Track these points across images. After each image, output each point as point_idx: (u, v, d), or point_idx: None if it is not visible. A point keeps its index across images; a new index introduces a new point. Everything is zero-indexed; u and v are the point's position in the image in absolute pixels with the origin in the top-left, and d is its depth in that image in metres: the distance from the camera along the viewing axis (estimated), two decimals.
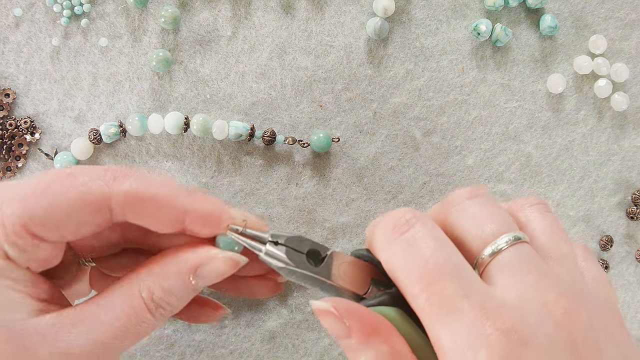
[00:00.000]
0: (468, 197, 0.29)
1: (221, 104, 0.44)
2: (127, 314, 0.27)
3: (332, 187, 0.45)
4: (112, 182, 0.27)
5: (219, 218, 0.29)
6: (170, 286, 0.28)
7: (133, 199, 0.27)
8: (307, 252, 0.29)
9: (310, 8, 0.44)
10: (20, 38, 0.42)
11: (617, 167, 0.48)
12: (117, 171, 0.28)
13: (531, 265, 0.26)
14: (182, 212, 0.28)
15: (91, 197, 0.27)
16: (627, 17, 0.47)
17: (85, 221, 0.27)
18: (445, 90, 0.45)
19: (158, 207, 0.28)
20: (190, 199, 0.29)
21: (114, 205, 0.27)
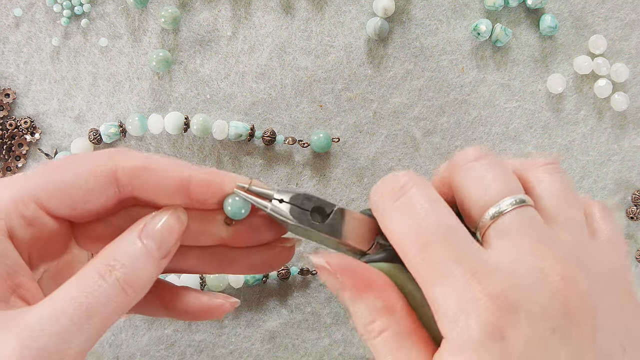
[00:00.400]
0: (474, 158, 0.28)
1: (221, 104, 0.44)
2: (80, 286, 0.27)
3: (332, 187, 0.45)
4: (117, 156, 0.29)
5: (222, 180, 0.30)
6: (121, 248, 0.28)
7: (139, 168, 0.29)
8: (312, 209, 0.29)
9: (310, 8, 0.44)
10: (20, 38, 0.42)
11: (617, 167, 0.48)
12: (123, 149, 0.30)
13: (532, 229, 0.26)
14: (186, 178, 0.29)
15: (98, 167, 0.28)
16: (627, 17, 0.47)
17: (93, 191, 0.28)
18: (445, 90, 0.45)
19: (163, 175, 0.29)
20: (192, 167, 0.30)
21: (121, 175, 0.28)
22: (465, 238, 0.26)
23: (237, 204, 0.30)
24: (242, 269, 0.33)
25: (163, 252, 0.29)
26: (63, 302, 0.26)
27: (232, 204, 0.30)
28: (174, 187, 0.29)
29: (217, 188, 0.30)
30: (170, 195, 0.29)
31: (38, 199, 0.28)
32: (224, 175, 0.30)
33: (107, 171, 0.28)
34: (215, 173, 0.30)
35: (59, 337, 0.25)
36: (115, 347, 0.43)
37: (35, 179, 0.28)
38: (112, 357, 0.43)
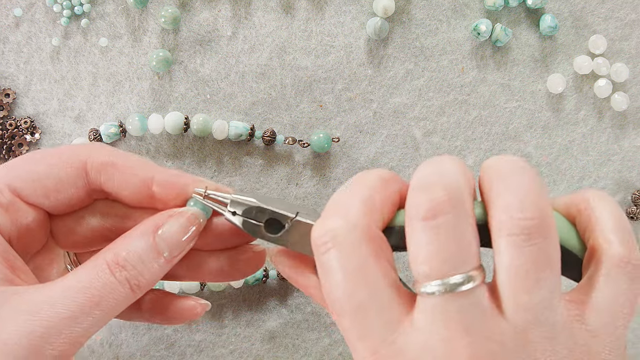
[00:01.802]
0: (422, 217, 0.24)
1: (221, 104, 0.44)
2: (91, 279, 0.27)
3: (332, 187, 0.45)
4: (88, 150, 0.30)
5: (185, 183, 0.31)
6: (135, 247, 0.28)
7: (106, 164, 0.30)
8: (266, 221, 0.30)
9: (310, 8, 0.44)
10: (20, 38, 0.42)
11: (617, 167, 0.48)
12: (97, 144, 0.31)
13: (461, 315, 0.23)
14: (149, 178, 0.30)
15: (70, 160, 0.30)
16: (627, 17, 0.47)
17: (64, 181, 0.30)
18: (445, 90, 0.45)
19: (127, 172, 0.30)
20: (157, 167, 0.31)
21: (89, 168, 0.30)
22: (377, 314, 0.24)
23: (197, 207, 0.31)
24: (213, 274, 0.33)
25: (174, 257, 0.29)
26: (74, 289, 0.27)
27: (194, 204, 0.31)
28: (138, 185, 0.30)
29: (180, 190, 0.31)
30: (134, 192, 0.30)
31: (13, 186, 0.29)
32: (187, 178, 0.31)
33: (77, 163, 0.30)
34: (179, 175, 0.31)
35: (67, 319, 0.26)
36: (115, 347, 0.43)
37: (11, 169, 0.30)
38: (112, 357, 0.43)
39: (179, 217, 0.30)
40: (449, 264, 0.24)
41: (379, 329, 0.24)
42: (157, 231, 0.29)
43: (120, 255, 0.28)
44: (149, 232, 0.29)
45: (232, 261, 0.33)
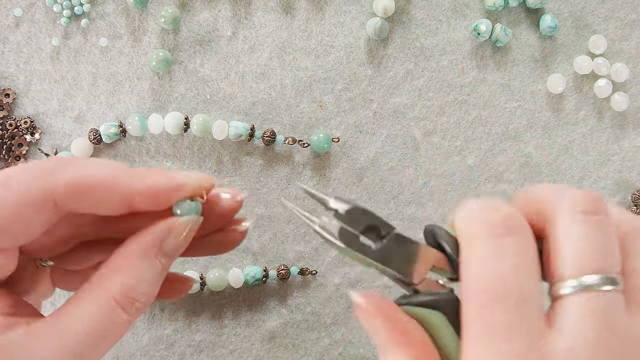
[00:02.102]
0: (583, 210, 0.25)
1: (221, 104, 0.44)
2: (100, 318, 0.26)
3: (332, 187, 0.45)
4: (50, 176, 0.26)
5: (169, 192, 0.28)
6: (141, 275, 0.27)
7: (74, 189, 0.26)
8: (365, 227, 0.27)
9: (310, 8, 0.44)
10: (20, 38, 0.42)
11: (617, 167, 0.48)
12: (55, 163, 0.27)
13: (606, 317, 0.23)
14: (128, 194, 0.27)
15: (31, 197, 0.26)
16: (627, 17, 0.47)
17: (31, 221, 0.26)
18: (445, 90, 0.45)
19: (101, 193, 0.27)
20: (134, 177, 0.27)
21: (58, 199, 0.27)
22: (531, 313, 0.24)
23: (189, 209, 0.28)
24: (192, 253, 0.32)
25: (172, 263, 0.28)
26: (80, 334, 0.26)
27: (182, 209, 0.28)
28: (116, 205, 0.27)
29: (164, 199, 0.28)
30: (113, 211, 0.28)
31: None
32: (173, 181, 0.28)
33: (40, 198, 0.26)
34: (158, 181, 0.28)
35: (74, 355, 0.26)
36: (115, 347, 0.43)
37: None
38: (112, 357, 0.43)
39: (180, 229, 0.28)
40: (604, 260, 0.24)
41: (529, 330, 0.24)
42: (160, 248, 0.27)
43: (129, 286, 0.27)
44: (152, 252, 0.27)
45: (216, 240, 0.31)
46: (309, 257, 0.45)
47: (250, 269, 0.43)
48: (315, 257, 0.45)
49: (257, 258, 0.45)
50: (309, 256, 0.45)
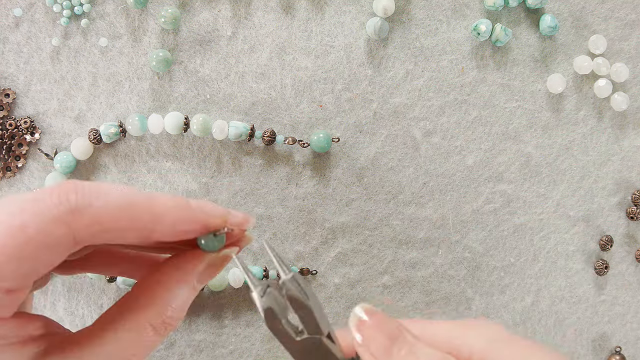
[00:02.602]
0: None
1: (221, 104, 0.44)
2: (135, 344, 0.27)
3: (332, 187, 0.45)
4: (70, 217, 0.25)
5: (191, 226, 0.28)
6: (177, 302, 0.28)
7: (96, 229, 0.25)
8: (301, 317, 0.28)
9: (310, 8, 0.44)
10: (20, 38, 0.42)
11: (617, 167, 0.48)
12: (73, 200, 0.25)
13: None
14: (150, 224, 0.26)
15: (50, 241, 0.25)
16: (627, 17, 0.47)
17: (48, 261, 0.26)
18: (445, 90, 0.45)
19: (123, 230, 0.26)
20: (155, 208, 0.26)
21: (77, 237, 0.25)
22: None
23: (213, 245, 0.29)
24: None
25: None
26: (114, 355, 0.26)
27: (206, 245, 0.29)
28: (138, 239, 0.27)
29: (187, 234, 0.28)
30: (133, 243, 0.28)
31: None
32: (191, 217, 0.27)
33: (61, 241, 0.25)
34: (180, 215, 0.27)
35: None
36: None
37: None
38: None
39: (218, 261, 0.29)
40: None
41: None
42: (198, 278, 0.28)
43: (166, 314, 0.27)
44: (191, 280, 0.28)
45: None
46: (309, 257, 0.45)
47: (250, 269, 0.43)
48: (315, 257, 0.45)
49: (257, 258, 0.45)
50: (309, 256, 0.45)
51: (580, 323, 0.48)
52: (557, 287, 0.47)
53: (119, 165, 0.43)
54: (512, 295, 0.47)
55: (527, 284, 0.47)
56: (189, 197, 0.31)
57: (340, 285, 0.45)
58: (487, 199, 0.46)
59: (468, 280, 0.46)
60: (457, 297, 0.46)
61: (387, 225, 0.45)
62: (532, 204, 0.47)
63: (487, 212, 0.46)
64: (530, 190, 0.47)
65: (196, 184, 0.44)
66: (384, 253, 0.45)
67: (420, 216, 0.46)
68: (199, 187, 0.44)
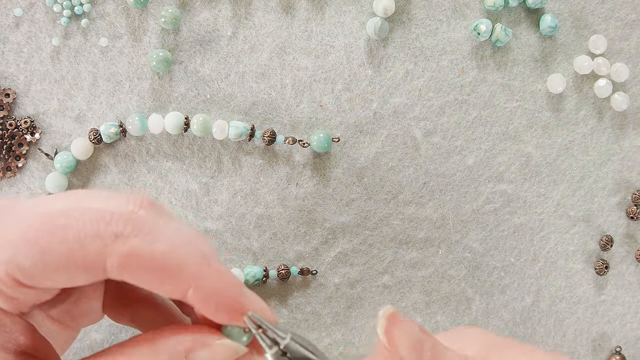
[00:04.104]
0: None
1: (221, 104, 0.44)
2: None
3: (332, 187, 0.45)
4: (112, 241, 0.24)
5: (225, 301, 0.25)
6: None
7: (131, 264, 0.24)
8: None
9: (311, 8, 0.44)
10: (20, 38, 0.42)
11: (617, 167, 0.48)
12: (121, 223, 0.24)
13: None
14: (185, 284, 0.24)
15: (83, 256, 0.24)
16: (627, 17, 0.47)
17: (76, 277, 0.25)
18: (445, 90, 0.45)
19: (159, 274, 0.24)
20: (201, 268, 0.25)
21: (109, 265, 0.24)
22: None
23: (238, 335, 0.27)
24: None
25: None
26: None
27: (231, 333, 0.27)
28: (170, 292, 0.25)
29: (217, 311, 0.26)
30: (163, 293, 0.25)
31: (16, 277, 0.24)
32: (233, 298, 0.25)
33: (93, 261, 0.24)
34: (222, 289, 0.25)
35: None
36: None
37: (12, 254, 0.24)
38: None
39: (219, 350, 0.26)
40: None
41: None
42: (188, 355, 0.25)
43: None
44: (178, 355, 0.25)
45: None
46: (309, 257, 0.45)
47: (250, 269, 0.43)
48: (315, 257, 0.45)
49: (257, 258, 0.45)
50: (309, 256, 0.45)
51: (580, 323, 0.48)
52: (557, 287, 0.47)
53: (119, 165, 0.43)
54: (512, 295, 0.47)
55: (527, 284, 0.47)
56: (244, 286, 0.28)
57: (340, 285, 0.45)
58: (487, 199, 0.46)
59: (468, 280, 0.46)
60: (457, 297, 0.46)
61: (387, 225, 0.45)
62: (532, 204, 0.47)
63: (487, 212, 0.46)
64: (530, 190, 0.47)
65: (196, 184, 0.44)
66: (384, 253, 0.45)
67: (420, 216, 0.46)
68: (199, 187, 0.44)
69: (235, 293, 0.25)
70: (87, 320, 0.30)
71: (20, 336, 0.25)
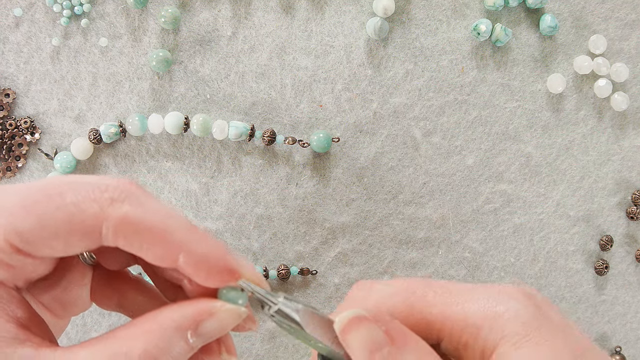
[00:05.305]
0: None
1: (221, 104, 0.44)
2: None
3: (332, 187, 0.45)
4: (107, 205, 0.25)
5: (215, 265, 0.26)
6: (167, 348, 0.25)
7: (126, 227, 0.25)
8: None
9: (310, 8, 0.44)
10: (20, 38, 0.42)
11: (617, 167, 0.48)
12: (116, 191, 0.25)
13: None
14: (176, 249, 0.25)
15: (81, 219, 0.25)
16: (627, 17, 0.47)
17: (73, 242, 0.25)
18: (445, 90, 0.45)
19: (151, 238, 0.25)
20: (190, 236, 0.26)
21: (105, 230, 0.25)
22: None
23: (233, 298, 0.27)
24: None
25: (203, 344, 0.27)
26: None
27: (226, 296, 0.27)
28: (161, 256, 0.26)
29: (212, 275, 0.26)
30: (156, 260, 0.26)
31: (14, 244, 0.25)
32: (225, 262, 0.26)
33: (90, 224, 0.25)
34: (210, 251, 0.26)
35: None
36: None
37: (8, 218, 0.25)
38: None
39: (223, 316, 0.26)
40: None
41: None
42: (195, 329, 0.26)
43: (150, 353, 0.25)
44: (187, 328, 0.25)
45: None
46: (309, 257, 0.45)
47: None
48: (315, 257, 0.45)
49: (257, 258, 0.45)
50: (309, 256, 0.45)
51: (580, 323, 0.48)
52: (557, 287, 0.47)
53: (119, 165, 0.43)
54: None
55: (527, 284, 0.47)
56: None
57: (340, 285, 0.45)
58: (487, 199, 0.46)
59: (468, 280, 0.46)
60: None
61: (387, 225, 0.45)
62: (532, 204, 0.47)
63: (487, 212, 0.46)
64: (530, 190, 0.47)
65: (196, 184, 0.44)
66: (384, 253, 0.45)
67: (420, 216, 0.46)
68: (199, 187, 0.44)
69: (224, 254, 0.26)
70: (76, 309, 0.31)
71: (17, 309, 0.26)
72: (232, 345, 0.29)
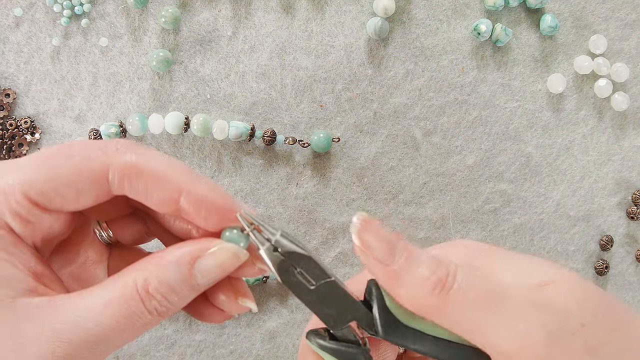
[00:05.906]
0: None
1: (221, 104, 0.44)
2: (119, 306, 0.26)
3: (332, 187, 0.45)
4: (112, 153, 0.27)
5: (214, 203, 0.27)
6: (168, 278, 0.27)
7: (130, 171, 0.27)
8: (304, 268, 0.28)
9: (311, 8, 0.44)
10: (20, 38, 0.42)
11: (617, 167, 0.48)
12: (121, 143, 0.28)
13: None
14: (177, 190, 0.27)
15: (89, 166, 0.27)
16: (627, 17, 0.47)
17: (83, 190, 0.27)
18: (445, 90, 0.45)
19: (154, 181, 0.27)
20: (190, 179, 0.27)
21: (111, 175, 0.27)
22: None
23: (234, 239, 0.28)
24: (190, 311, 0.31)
25: (206, 287, 0.28)
26: (100, 313, 0.26)
27: (227, 238, 0.28)
28: (164, 199, 0.27)
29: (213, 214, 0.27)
30: (159, 205, 0.28)
31: (28, 194, 0.27)
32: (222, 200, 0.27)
33: (97, 170, 0.27)
34: (213, 195, 0.27)
35: (90, 343, 0.26)
36: None
37: (23, 173, 0.27)
38: (112, 357, 0.43)
39: (220, 254, 0.27)
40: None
41: None
42: (194, 263, 0.27)
43: (152, 284, 0.26)
44: (185, 263, 0.27)
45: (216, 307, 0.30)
46: None
47: None
48: None
49: None
50: None
51: None
52: None
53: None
54: None
55: None
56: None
57: None
58: (487, 198, 0.46)
59: None
60: None
61: (387, 226, 0.45)
62: (532, 204, 0.47)
63: (487, 212, 0.46)
64: (530, 190, 0.47)
65: None
66: None
67: (420, 216, 0.46)
68: None
69: (223, 194, 0.28)
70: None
71: (36, 265, 0.27)
72: (247, 291, 0.30)
